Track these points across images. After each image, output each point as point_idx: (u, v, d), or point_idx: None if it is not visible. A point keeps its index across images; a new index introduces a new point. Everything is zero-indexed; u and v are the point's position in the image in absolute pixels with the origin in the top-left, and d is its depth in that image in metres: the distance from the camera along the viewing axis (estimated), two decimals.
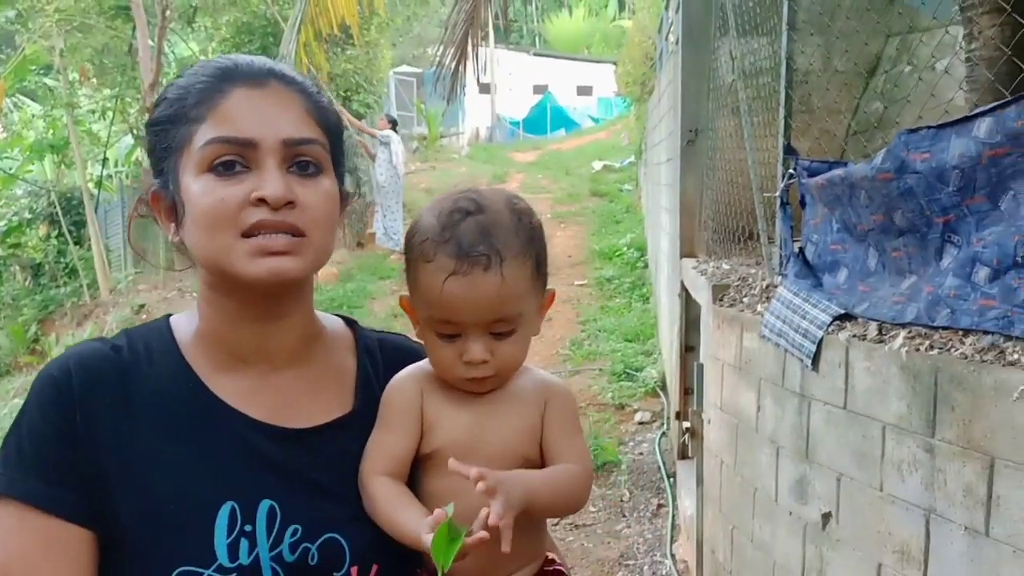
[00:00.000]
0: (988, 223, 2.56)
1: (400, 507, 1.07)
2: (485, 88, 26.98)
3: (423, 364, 1.21)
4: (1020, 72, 2.83)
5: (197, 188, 1.04)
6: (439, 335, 1.12)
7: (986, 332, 2.47)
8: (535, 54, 34.08)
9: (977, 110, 2.58)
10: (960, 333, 2.56)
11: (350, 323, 1.30)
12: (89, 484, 1.02)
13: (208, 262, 1.07)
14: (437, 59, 7.20)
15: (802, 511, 3.20)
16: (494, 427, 1.14)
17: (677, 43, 6.79)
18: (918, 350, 2.63)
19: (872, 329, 2.88)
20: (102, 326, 12.96)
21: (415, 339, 1.25)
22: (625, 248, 12.30)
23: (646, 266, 11.86)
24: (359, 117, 14.49)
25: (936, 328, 2.65)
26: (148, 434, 1.06)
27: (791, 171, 3.59)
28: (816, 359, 3.10)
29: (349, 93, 15.14)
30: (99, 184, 17.52)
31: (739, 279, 4.37)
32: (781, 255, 3.67)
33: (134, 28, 15.33)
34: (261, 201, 1.02)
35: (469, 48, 7.16)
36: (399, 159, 13.43)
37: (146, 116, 14.64)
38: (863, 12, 5.46)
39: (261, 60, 1.12)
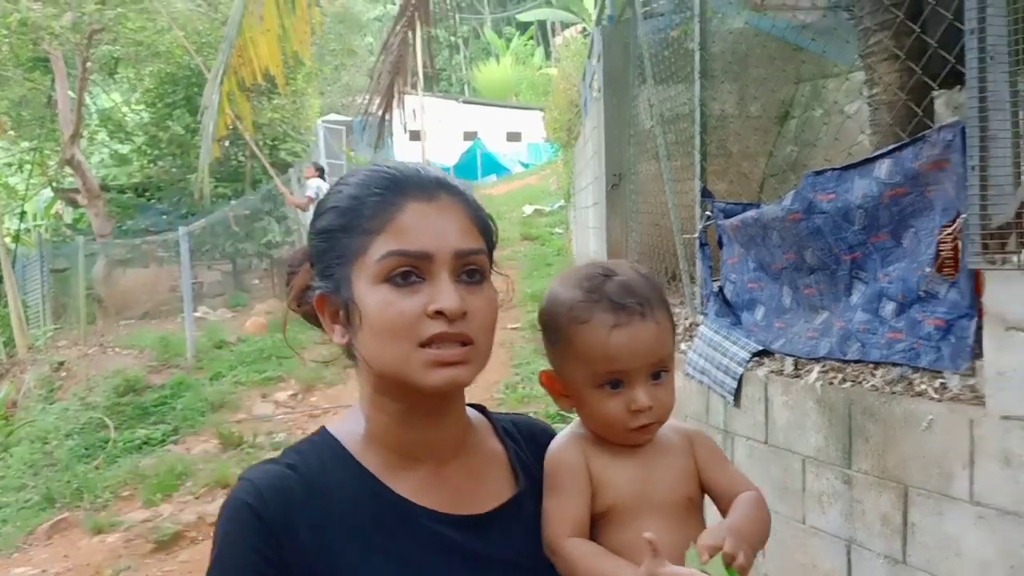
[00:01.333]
0: (892, 259, 2.67)
1: (607, 559, 1.12)
2: (415, 135, 27.12)
3: (574, 430, 1.26)
4: (916, 115, 2.97)
5: (376, 299, 1.07)
6: (604, 389, 1.18)
7: (895, 364, 2.56)
8: (464, 101, 34.45)
9: (877, 152, 2.70)
10: (871, 366, 2.65)
11: (481, 410, 1.33)
12: None
13: (387, 370, 1.09)
14: (364, 106, 7.22)
15: None
16: (658, 476, 1.19)
17: (599, 91, 6.96)
18: (832, 383, 2.71)
19: (789, 364, 2.96)
20: (19, 385, 12.48)
21: (539, 417, 1.30)
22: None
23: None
24: (287, 166, 14.39)
25: (848, 361, 2.73)
26: (346, 544, 1.08)
27: (708, 213, 3.69)
28: (737, 395, 3.16)
29: (276, 142, 15.06)
30: (16, 238, 17.00)
31: None
32: (702, 294, 3.75)
33: (53, 80, 15.05)
34: (439, 314, 1.05)
35: (395, 96, 7.21)
36: None
37: (65, 168, 14.21)
38: (774, 60, 5.69)
39: (428, 172, 1.16)
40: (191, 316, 11.62)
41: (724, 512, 1.23)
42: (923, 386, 2.42)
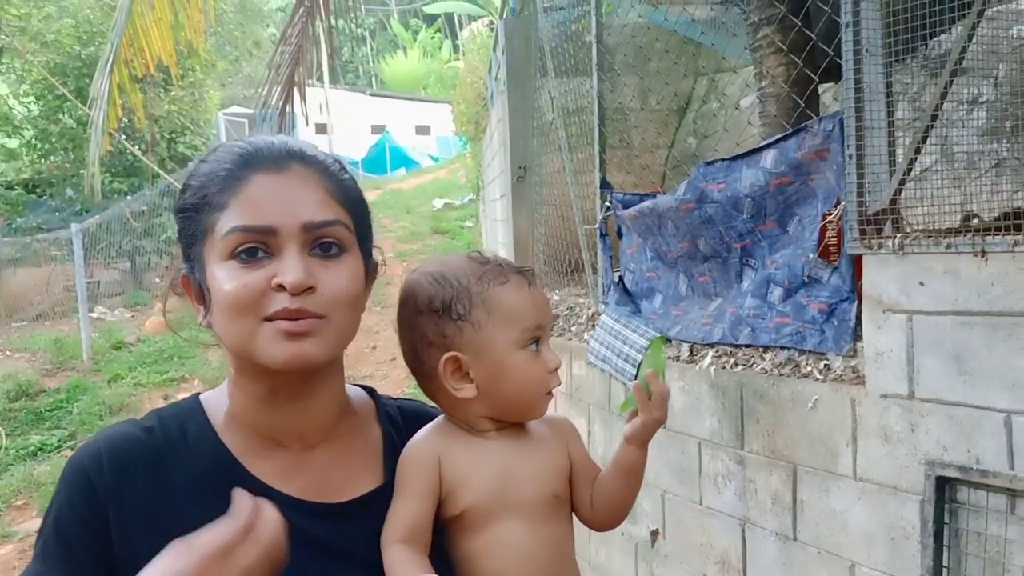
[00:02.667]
0: (779, 246, 2.76)
1: (409, 569, 1.07)
2: (322, 128, 26.68)
3: (437, 425, 1.22)
4: (812, 108, 3.08)
5: (221, 275, 1.04)
6: (528, 351, 1.16)
7: (782, 348, 2.65)
8: (371, 94, 34.04)
9: (763, 143, 2.79)
10: (760, 350, 2.74)
11: (370, 392, 1.28)
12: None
13: (234, 347, 1.06)
14: (263, 98, 7.05)
15: (632, 531, 3.29)
16: (523, 473, 1.16)
17: (504, 83, 6.98)
18: (724, 368, 2.79)
19: (685, 350, 3.03)
20: None
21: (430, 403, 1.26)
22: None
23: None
24: (187, 160, 13.95)
25: (739, 346, 2.82)
26: (186, 519, 1.01)
27: (607, 204, 3.74)
28: None
29: (175, 135, 14.58)
30: None
31: (567, 309, 4.50)
32: (603, 284, 3.81)
33: None
34: (282, 287, 1.02)
35: (297, 88, 7.06)
36: None
37: None
38: (673, 54, 5.80)
39: (281, 142, 1.11)
40: (86, 316, 11.15)
41: (587, 499, 1.22)
42: (809, 368, 2.51)
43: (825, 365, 2.46)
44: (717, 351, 2.88)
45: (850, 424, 2.30)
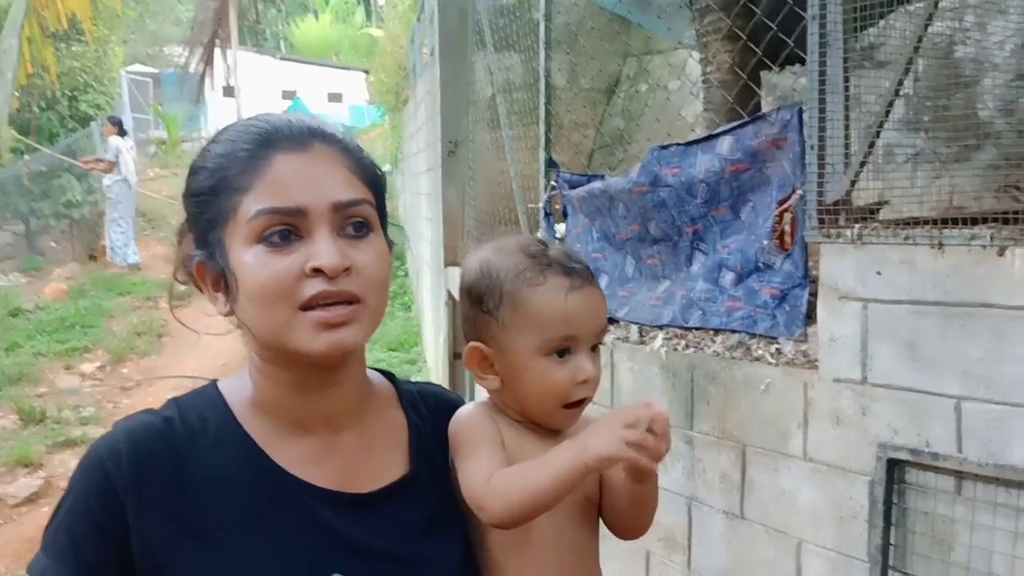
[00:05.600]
0: (731, 232, 2.82)
1: (530, 464, 1.04)
2: (230, 91, 25.82)
3: (483, 403, 1.20)
4: (754, 95, 3.14)
5: (249, 260, 1.00)
6: (551, 358, 1.12)
7: (734, 331, 2.71)
8: (282, 58, 33.06)
9: (719, 129, 2.83)
10: (712, 332, 2.80)
11: (389, 376, 1.24)
12: None
13: (266, 337, 1.02)
14: (180, 59, 6.78)
15: None
16: None
17: (432, 55, 6.88)
18: (675, 350, 2.84)
19: (634, 332, 3.07)
20: None
21: (448, 388, 1.25)
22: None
23: (407, 275, 11.87)
24: (89, 119, 13.28)
25: (690, 328, 2.87)
26: (210, 512, 1.00)
27: (553, 183, 3.74)
28: None
29: (77, 93, 13.82)
30: None
31: None
32: None
33: None
34: (317, 271, 0.98)
35: (215, 50, 6.81)
36: (129, 168, 12.38)
37: None
38: (605, 33, 5.84)
39: (299, 120, 1.06)
40: None
41: (610, 506, 1.20)
42: (760, 351, 2.58)
43: (777, 349, 2.53)
44: (667, 333, 2.93)
45: (801, 407, 2.37)
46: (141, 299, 11.25)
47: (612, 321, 3.22)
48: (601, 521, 1.23)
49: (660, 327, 2.99)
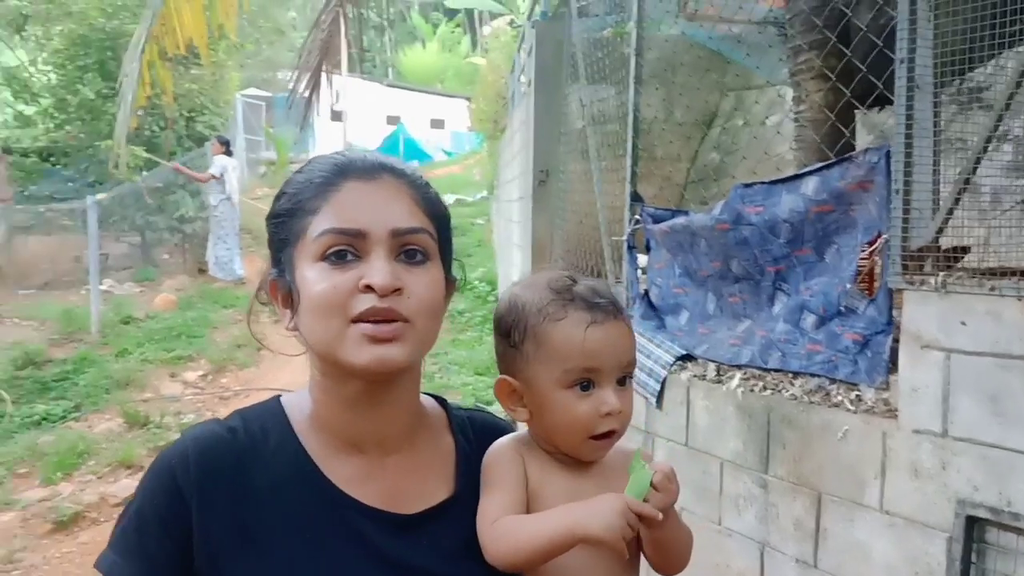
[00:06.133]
0: (815, 273, 2.77)
1: (530, 519, 1.09)
2: (337, 116, 26.67)
3: (518, 435, 1.23)
4: (843, 135, 3.09)
5: (311, 276, 1.07)
6: (574, 391, 1.14)
7: (813, 375, 2.66)
8: (388, 85, 34.04)
9: (805, 169, 2.80)
10: (790, 375, 2.75)
11: (441, 401, 1.30)
12: None
13: (320, 348, 1.09)
14: (290, 84, 7.07)
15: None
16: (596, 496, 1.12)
17: (529, 86, 6.99)
18: (752, 390, 2.80)
19: (711, 370, 3.05)
20: None
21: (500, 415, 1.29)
22: (477, 282, 12.41)
23: (497, 300, 11.96)
24: (203, 139, 13.94)
25: (769, 370, 2.83)
26: (264, 522, 1.08)
27: (637, 217, 3.75)
28: (660, 398, 3.24)
29: (193, 114, 14.57)
30: None
31: None
32: (628, 296, 3.82)
33: None
34: (369, 288, 1.05)
35: (323, 76, 7.09)
36: (233, 186, 12.92)
37: None
38: (702, 69, 5.82)
39: (374, 155, 1.16)
40: (97, 289, 11.16)
41: (649, 538, 1.20)
42: (839, 397, 2.52)
43: (856, 396, 2.48)
44: (745, 373, 2.90)
45: (879, 456, 2.31)
46: (243, 312, 11.65)
47: (690, 358, 3.20)
48: None
49: (738, 366, 2.96)
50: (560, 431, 1.17)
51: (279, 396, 1.21)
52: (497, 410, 1.41)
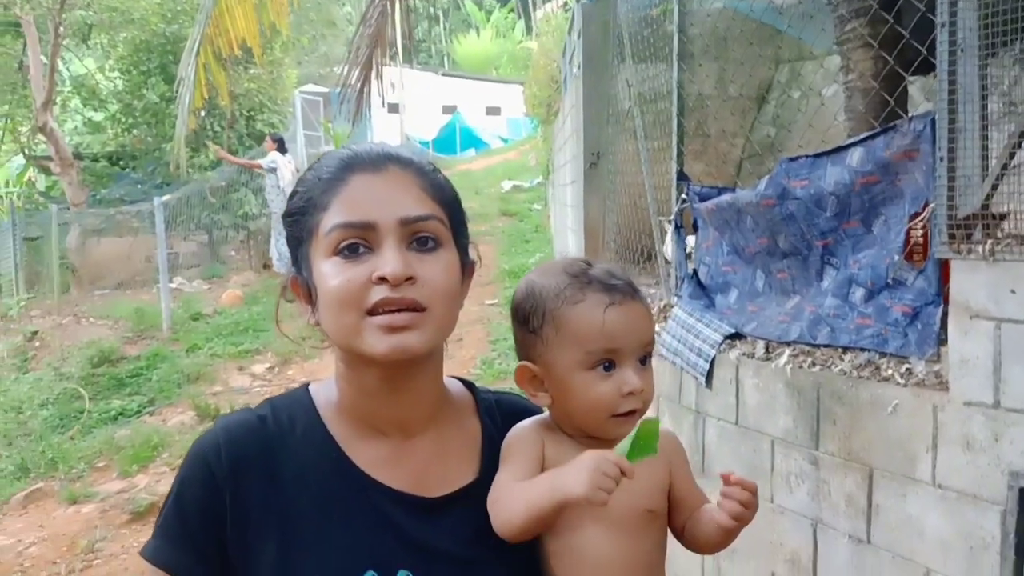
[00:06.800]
0: (863, 246, 2.72)
1: (529, 482, 1.11)
2: (394, 108, 26.89)
3: (540, 418, 1.25)
4: (900, 103, 3.01)
5: (326, 271, 1.10)
6: (596, 372, 1.16)
7: (863, 349, 2.62)
8: (443, 74, 34.17)
9: (849, 140, 2.74)
10: (839, 350, 2.71)
11: (468, 385, 1.33)
12: (232, 560, 1.10)
13: (339, 341, 1.12)
14: (342, 79, 7.16)
15: None
16: (621, 485, 1.08)
17: (579, 68, 6.96)
18: (801, 367, 2.77)
19: (760, 347, 3.02)
20: None
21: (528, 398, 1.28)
22: (534, 267, 12.45)
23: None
24: (263, 137, 14.24)
25: (818, 346, 2.79)
26: (293, 506, 1.12)
27: (683, 196, 3.72)
28: (709, 377, 3.22)
29: (253, 112, 14.90)
30: None
31: None
32: (676, 276, 3.80)
33: (25, 45, 14.78)
34: (382, 280, 1.07)
35: (374, 69, 7.16)
36: (287, 181, 13.17)
37: (38, 135, 13.99)
38: (752, 41, 5.71)
39: (379, 147, 1.17)
40: (167, 287, 11.54)
41: (682, 523, 1.23)
42: (889, 371, 2.48)
43: (907, 369, 2.43)
44: (794, 350, 2.86)
45: (931, 430, 2.27)
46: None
47: (739, 336, 3.17)
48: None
49: (788, 343, 2.92)
50: (582, 412, 1.19)
51: (308, 385, 1.25)
52: None
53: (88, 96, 16.82)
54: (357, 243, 1.09)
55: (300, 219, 1.15)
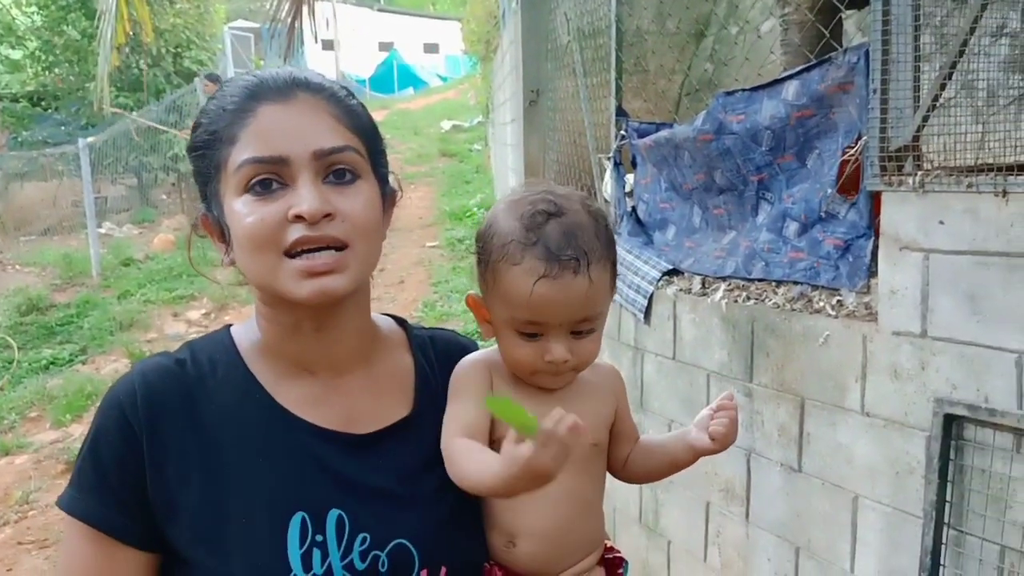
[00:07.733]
0: (797, 180, 2.73)
1: (480, 453, 1.06)
2: (328, 45, 26.19)
3: (489, 353, 1.22)
4: (825, 37, 3.00)
5: (238, 209, 1.04)
6: (520, 335, 1.13)
7: (796, 283, 2.65)
8: (379, 9, 33.33)
9: (785, 73, 2.74)
10: (773, 284, 2.74)
11: (400, 322, 1.29)
12: (154, 508, 1.05)
13: (257, 282, 1.07)
14: (272, 13, 6.91)
15: None
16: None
17: (517, 2, 6.81)
18: (736, 301, 2.80)
19: (697, 283, 3.04)
20: None
21: (463, 334, 1.27)
22: (475, 208, 12.32)
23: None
24: (192, 75, 13.75)
25: (753, 280, 2.82)
26: (216, 450, 1.07)
27: (622, 132, 3.69)
28: (648, 313, 3.24)
29: (180, 49, 14.35)
30: None
31: None
32: (615, 214, 3.79)
33: None
34: (299, 218, 1.01)
35: (306, 2, 6.92)
36: None
37: None
38: None
39: (286, 72, 1.10)
40: (95, 232, 11.19)
41: (622, 456, 1.24)
42: (821, 303, 2.52)
43: (838, 301, 2.47)
44: (729, 284, 2.89)
45: (860, 360, 2.32)
46: None
47: (676, 272, 3.19)
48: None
49: (723, 278, 2.94)
50: (509, 362, 1.18)
51: (229, 326, 1.19)
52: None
53: (4, 33, 15.99)
54: (269, 179, 1.03)
55: (206, 153, 1.08)
